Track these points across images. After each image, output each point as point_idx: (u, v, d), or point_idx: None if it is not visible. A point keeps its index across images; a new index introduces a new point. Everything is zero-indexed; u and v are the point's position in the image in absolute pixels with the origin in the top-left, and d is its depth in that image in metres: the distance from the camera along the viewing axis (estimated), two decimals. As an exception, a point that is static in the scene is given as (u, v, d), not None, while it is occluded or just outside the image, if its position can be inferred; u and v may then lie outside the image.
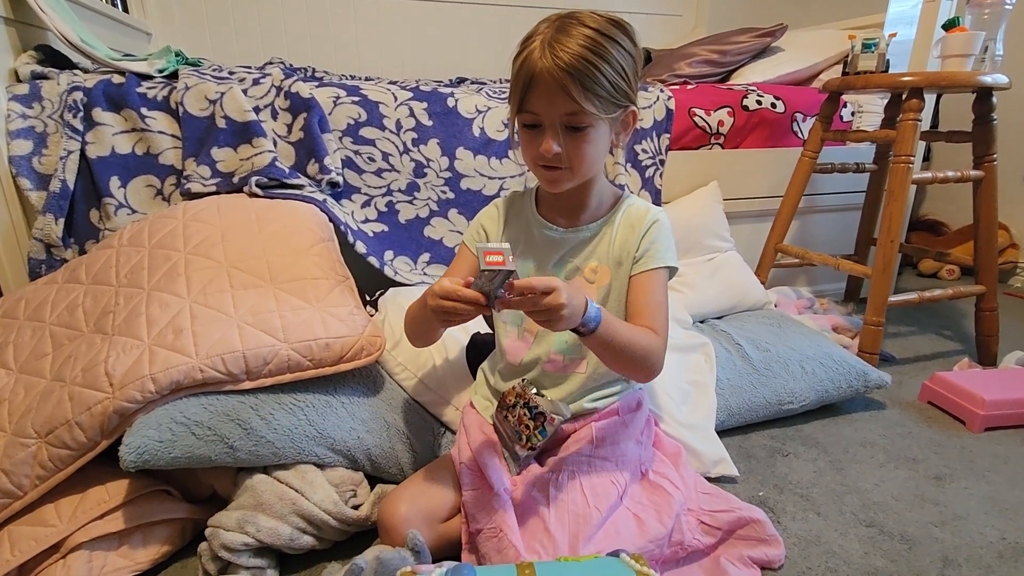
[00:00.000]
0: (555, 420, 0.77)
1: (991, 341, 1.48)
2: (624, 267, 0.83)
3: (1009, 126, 1.78)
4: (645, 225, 0.83)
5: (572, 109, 0.72)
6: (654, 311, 0.81)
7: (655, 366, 0.80)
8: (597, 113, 0.73)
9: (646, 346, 0.77)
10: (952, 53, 1.30)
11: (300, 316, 0.87)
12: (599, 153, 0.78)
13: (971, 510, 0.93)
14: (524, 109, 0.75)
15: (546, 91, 0.72)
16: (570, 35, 0.71)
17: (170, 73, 1.27)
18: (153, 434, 0.74)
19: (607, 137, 0.78)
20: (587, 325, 0.70)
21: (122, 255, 1.00)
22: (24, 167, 1.12)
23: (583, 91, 0.70)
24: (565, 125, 0.74)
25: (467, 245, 0.90)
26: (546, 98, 0.72)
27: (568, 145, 0.75)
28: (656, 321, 0.80)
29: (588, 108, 0.71)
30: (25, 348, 0.91)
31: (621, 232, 0.84)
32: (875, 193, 1.70)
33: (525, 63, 0.73)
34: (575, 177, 0.78)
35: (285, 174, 1.16)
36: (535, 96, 0.73)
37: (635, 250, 0.82)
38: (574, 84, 0.70)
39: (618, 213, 0.85)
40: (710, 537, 0.81)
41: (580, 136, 0.74)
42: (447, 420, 1.00)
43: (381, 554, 0.69)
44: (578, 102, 0.71)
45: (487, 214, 0.91)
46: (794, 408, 1.17)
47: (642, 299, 0.82)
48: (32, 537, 0.76)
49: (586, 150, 0.75)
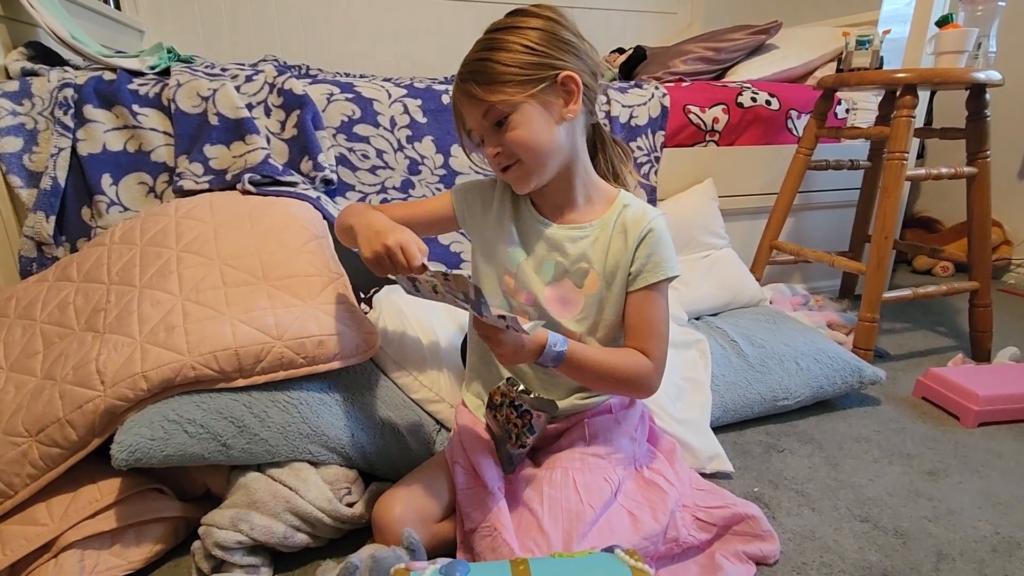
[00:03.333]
0: (541, 417, 0.76)
1: (985, 337, 1.48)
2: (618, 281, 0.81)
3: (1002, 123, 1.79)
4: (639, 235, 0.79)
5: (482, 109, 0.74)
6: (649, 332, 0.80)
7: (644, 389, 0.82)
8: (509, 98, 0.72)
9: (630, 374, 0.79)
10: (946, 50, 1.31)
11: (293, 313, 0.87)
12: (537, 135, 0.74)
13: (965, 505, 0.94)
14: (460, 126, 0.81)
15: (464, 108, 0.77)
16: (480, 45, 0.75)
17: (162, 70, 1.26)
18: (145, 432, 0.74)
19: (542, 115, 0.75)
20: (543, 363, 0.74)
21: (114, 252, 0.99)
22: (14, 164, 1.11)
23: (480, 87, 0.73)
24: (490, 125, 0.75)
25: (452, 195, 0.89)
26: (466, 113, 0.77)
27: (504, 140, 0.75)
28: (650, 342, 0.80)
29: (493, 99, 0.73)
30: (16, 346, 0.91)
31: (615, 239, 0.80)
32: (869, 190, 1.70)
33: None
34: (531, 168, 0.77)
35: (278, 171, 1.15)
36: (459, 111, 0.79)
37: (630, 264, 0.80)
38: (473, 86, 0.74)
39: (613, 215, 0.81)
40: (705, 533, 0.81)
41: (506, 126, 0.74)
42: (442, 418, 0.99)
43: (376, 552, 0.68)
44: (482, 99, 0.73)
45: (482, 185, 0.89)
46: (789, 404, 1.17)
47: (638, 319, 0.81)
48: (23, 536, 0.75)
49: (518, 136, 0.74)
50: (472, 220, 0.88)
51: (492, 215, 0.86)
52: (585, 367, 0.76)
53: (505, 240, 0.84)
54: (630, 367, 0.78)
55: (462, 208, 0.88)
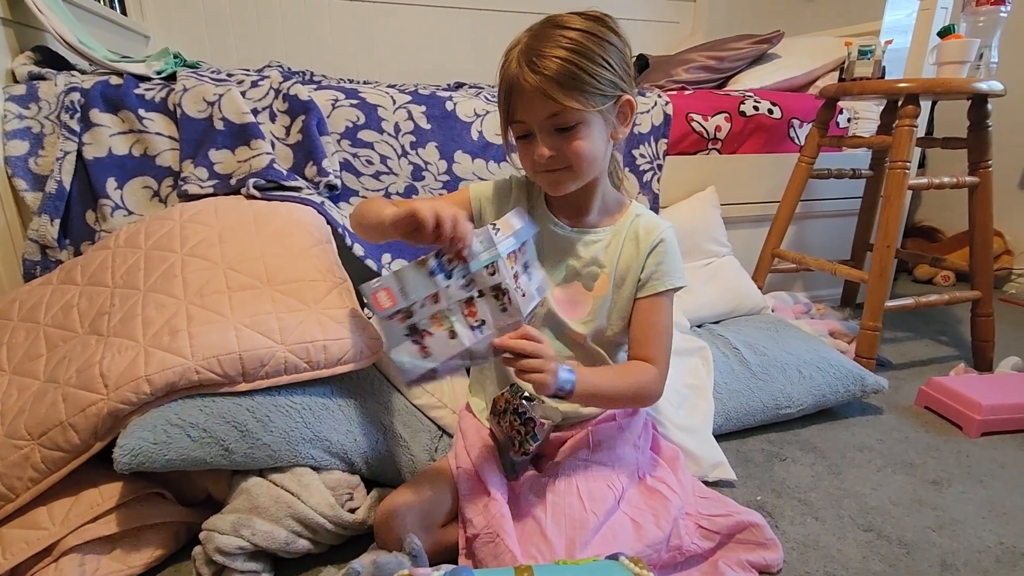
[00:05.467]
0: (544, 424, 0.76)
1: (987, 346, 1.48)
2: (628, 285, 0.84)
3: (1004, 133, 1.79)
4: (651, 244, 0.82)
5: (554, 110, 0.72)
6: (655, 339, 0.82)
7: (649, 398, 0.83)
8: (583, 108, 0.72)
9: (636, 387, 0.80)
10: (947, 60, 1.31)
11: (297, 318, 0.87)
12: (596, 148, 0.77)
13: (969, 515, 0.93)
14: (512, 120, 0.76)
15: (527, 99, 0.73)
16: (546, 38, 0.72)
17: (168, 75, 1.26)
18: (148, 436, 0.74)
19: (603, 131, 0.77)
20: (559, 393, 0.73)
21: (118, 256, 0.99)
22: (20, 168, 1.11)
23: (562, 90, 0.71)
24: (553, 127, 0.74)
25: (470, 195, 0.88)
26: (528, 106, 0.73)
27: (562, 145, 0.75)
28: (655, 349, 0.82)
29: (572, 105, 0.71)
30: (19, 349, 0.91)
31: (627, 245, 0.84)
32: (871, 199, 1.70)
33: (505, 74, 0.75)
34: (577, 176, 0.78)
35: (283, 176, 1.15)
36: (519, 106, 0.75)
37: (640, 271, 0.83)
38: (552, 85, 0.70)
39: (626, 223, 0.85)
40: (708, 541, 0.81)
41: (571, 134, 0.74)
42: (444, 424, 0.99)
43: (378, 558, 0.68)
44: (559, 102, 0.71)
45: (499, 185, 0.89)
46: (791, 412, 1.17)
47: (645, 326, 0.83)
48: (24, 540, 0.75)
49: (581, 146, 0.75)
50: (488, 220, 0.88)
51: None
52: (595, 390, 0.77)
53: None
54: (633, 381, 0.80)
55: (479, 206, 0.88)
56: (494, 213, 0.87)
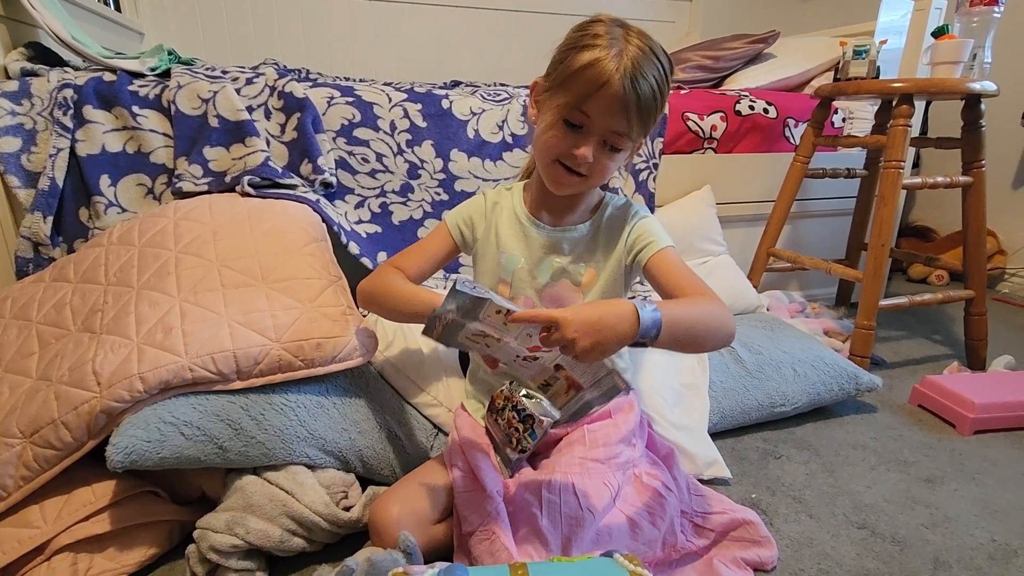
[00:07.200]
0: (544, 422, 0.76)
1: (980, 345, 1.49)
2: (616, 273, 0.85)
3: (997, 133, 1.80)
4: (629, 223, 0.85)
5: (622, 130, 0.74)
6: (688, 276, 0.78)
7: (731, 324, 0.73)
8: (637, 139, 0.77)
9: (716, 314, 0.72)
10: (941, 60, 1.32)
11: (292, 316, 0.86)
12: (615, 169, 0.82)
13: (962, 512, 0.94)
14: (579, 109, 0.74)
15: (610, 104, 0.72)
16: (647, 61, 0.72)
17: (162, 72, 1.26)
18: (141, 434, 0.73)
19: (625, 159, 0.82)
20: (647, 336, 0.64)
21: (111, 253, 0.98)
22: (12, 164, 1.10)
23: (639, 120, 0.74)
24: (607, 141, 0.76)
25: (448, 227, 0.89)
26: (606, 110, 0.73)
27: (600, 157, 0.76)
28: (701, 284, 0.77)
29: (634, 134, 0.75)
30: (11, 347, 0.90)
31: (606, 233, 0.86)
32: (866, 198, 1.71)
33: (595, 68, 0.71)
34: (586, 185, 0.81)
35: (278, 174, 1.15)
36: (597, 104, 0.73)
37: (625, 252, 0.84)
38: (635, 112, 0.73)
39: (604, 216, 0.87)
40: (703, 539, 0.81)
41: (612, 153, 0.77)
42: (439, 422, 0.99)
43: (372, 556, 0.68)
44: (631, 126, 0.74)
45: (475, 206, 0.91)
46: (786, 411, 1.17)
47: (674, 273, 0.79)
48: (16, 539, 0.74)
49: (610, 167, 0.79)
50: (474, 242, 0.90)
51: (491, 229, 0.88)
52: (682, 325, 0.67)
53: (500, 249, 0.87)
54: (711, 310, 0.72)
55: (460, 234, 0.90)
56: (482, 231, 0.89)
